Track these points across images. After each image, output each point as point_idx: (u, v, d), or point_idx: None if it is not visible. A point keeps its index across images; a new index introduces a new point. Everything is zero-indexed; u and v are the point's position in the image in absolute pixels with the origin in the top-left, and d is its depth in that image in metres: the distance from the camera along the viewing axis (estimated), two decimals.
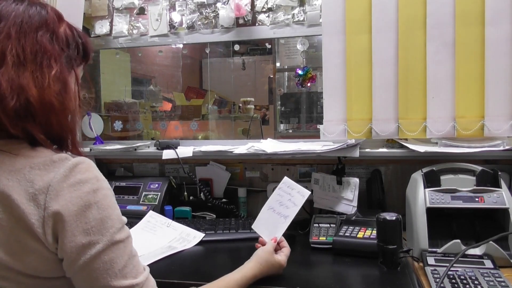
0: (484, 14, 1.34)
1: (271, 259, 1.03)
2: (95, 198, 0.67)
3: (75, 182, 0.66)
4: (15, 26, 0.69)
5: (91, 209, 0.66)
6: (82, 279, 0.67)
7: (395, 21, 1.42)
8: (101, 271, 0.66)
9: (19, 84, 0.67)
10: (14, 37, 0.68)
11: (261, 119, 2.66)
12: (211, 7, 1.76)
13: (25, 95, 0.67)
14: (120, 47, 1.91)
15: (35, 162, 0.67)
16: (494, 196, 1.16)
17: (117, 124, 2.04)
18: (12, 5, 0.71)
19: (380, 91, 1.44)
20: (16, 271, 0.66)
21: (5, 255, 0.65)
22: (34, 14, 0.72)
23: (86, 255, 0.66)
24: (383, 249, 1.10)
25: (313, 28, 1.66)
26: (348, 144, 1.45)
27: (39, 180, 0.65)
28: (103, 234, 0.67)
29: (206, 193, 1.64)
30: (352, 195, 1.44)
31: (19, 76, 0.67)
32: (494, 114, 1.35)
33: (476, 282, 0.97)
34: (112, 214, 0.69)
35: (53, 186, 0.65)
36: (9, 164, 0.67)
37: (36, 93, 0.68)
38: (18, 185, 0.65)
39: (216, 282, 0.90)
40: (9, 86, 0.66)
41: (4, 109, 0.66)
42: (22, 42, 0.69)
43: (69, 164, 0.67)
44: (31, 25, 0.71)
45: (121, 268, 0.68)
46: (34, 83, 0.68)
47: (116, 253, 0.68)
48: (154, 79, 2.74)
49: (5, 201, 0.65)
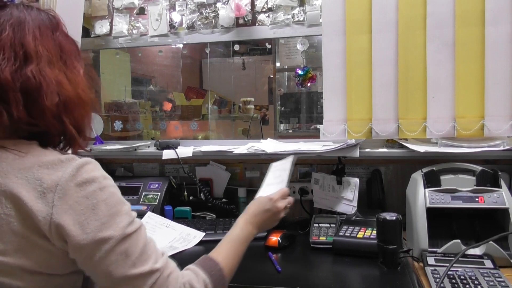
0: (484, 14, 1.34)
1: (265, 204, 1.02)
2: (103, 196, 0.69)
3: (82, 181, 0.68)
4: (36, 28, 0.74)
5: (100, 206, 0.68)
6: (101, 274, 0.68)
7: (395, 21, 1.42)
8: (119, 263, 0.67)
9: (56, 80, 0.72)
10: (39, 38, 0.73)
11: (261, 119, 2.65)
12: (211, 7, 1.76)
13: (63, 90, 0.73)
14: (120, 47, 1.91)
15: (43, 161, 0.68)
16: (494, 196, 1.16)
17: (117, 124, 2.04)
18: (24, 11, 0.75)
19: (380, 91, 1.44)
20: (21, 267, 0.67)
21: (11, 251, 0.66)
22: (46, 18, 0.77)
23: (101, 251, 0.67)
24: (383, 249, 1.10)
25: (313, 28, 1.66)
26: (348, 144, 1.45)
27: (47, 178, 0.67)
28: (114, 229, 0.68)
29: (206, 193, 1.64)
30: (352, 195, 1.44)
31: (53, 72, 0.72)
32: (494, 114, 1.35)
33: (476, 282, 0.97)
34: (121, 210, 0.70)
35: (61, 185, 0.66)
36: (18, 163, 0.68)
37: (71, 89, 0.74)
38: (27, 183, 0.66)
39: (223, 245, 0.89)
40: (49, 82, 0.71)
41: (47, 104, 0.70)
42: (46, 43, 0.74)
43: (76, 163, 0.69)
44: (47, 28, 0.76)
45: (138, 256, 0.69)
46: (67, 80, 0.74)
47: (130, 243, 0.69)
48: (154, 79, 2.74)
49: (13, 198, 0.66)
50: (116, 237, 0.68)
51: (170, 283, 0.71)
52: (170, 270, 0.73)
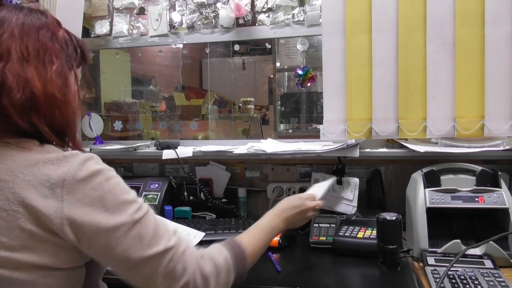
0: (484, 14, 1.34)
1: (294, 201, 1.07)
2: (109, 186, 0.71)
3: (88, 174, 0.69)
4: (18, 26, 0.74)
5: (108, 196, 0.70)
6: (118, 260, 0.70)
7: (395, 21, 1.42)
8: (134, 247, 0.70)
9: (24, 78, 0.71)
10: (17, 36, 0.73)
11: (261, 119, 2.65)
12: (211, 7, 1.76)
13: (30, 87, 0.71)
14: (120, 47, 1.91)
15: (48, 157, 0.70)
16: (494, 196, 1.16)
17: (117, 124, 2.04)
18: (13, 11, 0.76)
19: (380, 91, 1.44)
20: (28, 262, 0.68)
21: (19, 247, 0.67)
22: (35, 18, 0.77)
23: (115, 238, 0.69)
24: (383, 249, 1.10)
25: (313, 28, 1.66)
26: (348, 144, 1.45)
27: (53, 174, 0.68)
28: (124, 217, 0.70)
29: (206, 193, 1.64)
30: (352, 195, 1.44)
31: (24, 70, 0.71)
32: (494, 114, 1.35)
33: (476, 282, 0.97)
34: (127, 198, 0.72)
35: (68, 180, 0.68)
36: (23, 160, 0.70)
37: (40, 86, 0.72)
38: (34, 179, 0.68)
39: (248, 232, 0.94)
40: (16, 80, 0.70)
41: (11, 101, 0.70)
42: (25, 41, 0.73)
43: (81, 158, 0.71)
44: (32, 26, 0.75)
45: (151, 238, 0.72)
46: (38, 77, 0.72)
47: (142, 227, 0.72)
48: (154, 79, 2.74)
49: (21, 195, 0.67)
50: (127, 223, 0.70)
51: (186, 257, 0.75)
52: (184, 246, 0.76)
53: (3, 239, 0.67)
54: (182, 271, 0.73)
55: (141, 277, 0.72)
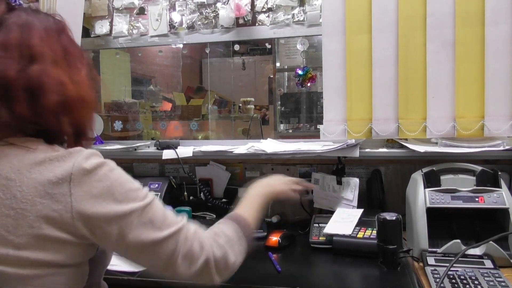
0: (484, 14, 1.34)
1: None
2: (114, 176, 0.73)
3: (93, 167, 0.71)
4: (43, 30, 0.76)
5: (116, 186, 0.72)
6: (134, 246, 0.72)
7: (395, 21, 1.42)
8: (147, 231, 0.72)
9: (59, 81, 0.74)
10: (46, 40, 0.76)
11: (261, 119, 2.66)
12: (211, 7, 1.76)
13: (64, 90, 0.75)
14: (120, 47, 1.91)
15: (53, 155, 0.71)
16: (494, 196, 1.16)
17: (117, 124, 2.04)
18: (32, 14, 0.78)
19: (380, 91, 1.44)
20: (35, 260, 0.68)
21: (27, 244, 0.68)
22: (52, 22, 0.80)
23: (128, 224, 0.71)
24: (383, 249, 1.10)
25: (313, 28, 1.66)
26: (348, 144, 1.46)
27: (60, 170, 0.69)
28: (133, 203, 0.72)
29: (206, 193, 1.64)
30: (352, 195, 1.44)
31: (58, 73, 0.75)
32: (494, 114, 1.35)
33: (476, 282, 0.97)
34: (133, 186, 0.75)
35: (75, 174, 0.69)
36: (29, 158, 0.71)
37: (73, 89, 0.76)
38: (41, 176, 0.69)
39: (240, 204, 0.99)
40: (52, 82, 0.73)
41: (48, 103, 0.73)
42: (53, 44, 0.77)
43: (85, 153, 0.72)
44: (53, 30, 0.79)
45: (162, 221, 0.74)
46: (70, 80, 0.76)
47: (152, 211, 0.74)
48: (154, 79, 2.74)
49: (29, 192, 0.68)
50: (138, 208, 0.72)
51: (200, 236, 0.79)
52: (194, 227, 0.80)
53: (11, 237, 0.68)
54: (200, 249, 0.77)
55: (161, 261, 0.74)
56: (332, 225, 1.28)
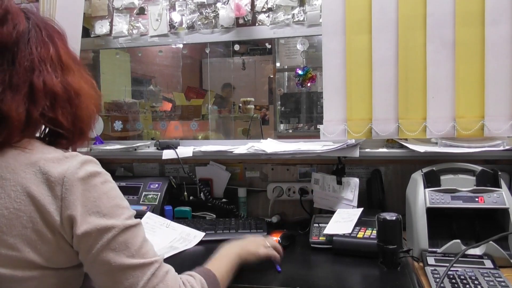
0: (484, 14, 1.34)
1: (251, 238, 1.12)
2: (105, 188, 0.73)
3: (87, 175, 0.71)
4: (60, 40, 0.80)
5: (103, 198, 0.72)
6: (101, 264, 0.70)
7: (395, 21, 1.42)
8: (119, 252, 0.70)
9: (79, 87, 0.79)
10: (64, 49, 0.80)
11: (261, 119, 2.66)
12: (211, 7, 1.76)
13: (81, 93, 0.79)
14: (120, 47, 1.91)
15: (49, 157, 0.72)
16: (494, 196, 1.16)
17: (117, 124, 2.04)
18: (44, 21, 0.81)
19: (380, 91, 1.44)
20: (29, 261, 0.69)
21: (21, 245, 0.68)
22: (61, 31, 0.83)
23: (102, 240, 0.70)
24: (383, 249, 1.10)
25: (313, 28, 1.66)
26: (348, 144, 1.46)
27: (54, 171, 0.70)
28: (116, 219, 0.71)
29: (206, 193, 1.64)
30: (352, 195, 1.44)
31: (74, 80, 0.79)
32: (494, 114, 1.35)
33: (476, 282, 0.97)
34: (121, 204, 0.74)
35: (68, 178, 0.70)
36: (24, 158, 0.71)
37: (86, 90, 0.81)
38: (35, 177, 0.69)
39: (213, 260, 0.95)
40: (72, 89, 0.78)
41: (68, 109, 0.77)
42: (68, 53, 0.81)
43: (80, 159, 0.73)
44: (65, 40, 0.82)
45: (137, 249, 0.72)
46: (83, 86, 0.80)
47: (130, 235, 0.73)
48: (154, 79, 2.74)
49: (23, 193, 0.69)
50: (118, 226, 0.71)
51: (168, 279, 0.74)
52: (167, 268, 0.77)
53: (5, 237, 0.68)
54: None
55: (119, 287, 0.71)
56: (332, 225, 1.28)
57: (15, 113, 0.70)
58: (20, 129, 0.72)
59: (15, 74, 0.72)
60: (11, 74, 0.71)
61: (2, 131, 0.70)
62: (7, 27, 0.72)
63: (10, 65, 0.72)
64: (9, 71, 0.72)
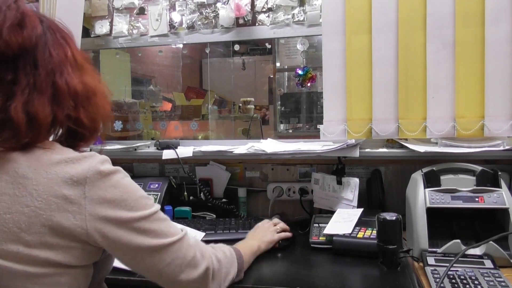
0: (484, 14, 1.34)
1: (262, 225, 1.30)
2: (126, 183, 0.77)
3: (107, 172, 0.74)
4: (73, 42, 0.82)
5: (128, 193, 0.75)
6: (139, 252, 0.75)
7: (395, 21, 1.42)
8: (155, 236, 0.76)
9: (95, 86, 0.82)
10: (76, 49, 0.82)
11: (261, 119, 2.65)
12: (211, 7, 1.76)
13: (97, 92, 0.82)
14: (120, 47, 1.91)
15: (69, 157, 0.74)
16: (494, 196, 1.16)
17: (117, 124, 2.04)
18: (55, 23, 0.82)
19: (380, 91, 1.44)
20: (44, 259, 0.70)
21: (37, 243, 0.69)
22: (64, 29, 0.83)
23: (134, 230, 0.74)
24: (383, 249, 1.10)
25: (313, 28, 1.66)
26: (348, 144, 1.46)
27: (75, 172, 0.72)
28: (144, 209, 0.76)
29: (206, 193, 1.64)
30: (352, 195, 1.44)
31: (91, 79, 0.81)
32: (494, 114, 1.35)
33: (476, 282, 0.97)
34: (143, 194, 0.79)
35: (90, 178, 0.72)
36: (46, 159, 0.73)
37: (101, 89, 0.84)
38: (57, 177, 0.71)
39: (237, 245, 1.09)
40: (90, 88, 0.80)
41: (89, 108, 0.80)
42: (76, 51, 0.82)
43: (99, 158, 0.75)
44: (69, 37, 0.83)
45: (168, 228, 0.79)
46: (98, 85, 0.83)
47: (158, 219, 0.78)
48: (154, 79, 2.74)
49: (44, 192, 0.69)
50: (147, 215, 0.76)
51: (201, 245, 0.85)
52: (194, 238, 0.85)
53: (23, 235, 0.69)
54: (201, 257, 0.82)
55: (164, 266, 0.77)
56: (332, 225, 1.28)
57: (42, 115, 0.72)
58: (47, 130, 0.74)
59: (38, 77, 0.73)
60: (35, 77, 0.73)
61: (29, 132, 0.72)
62: (27, 30, 0.73)
63: (33, 68, 0.73)
64: (32, 74, 0.73)
